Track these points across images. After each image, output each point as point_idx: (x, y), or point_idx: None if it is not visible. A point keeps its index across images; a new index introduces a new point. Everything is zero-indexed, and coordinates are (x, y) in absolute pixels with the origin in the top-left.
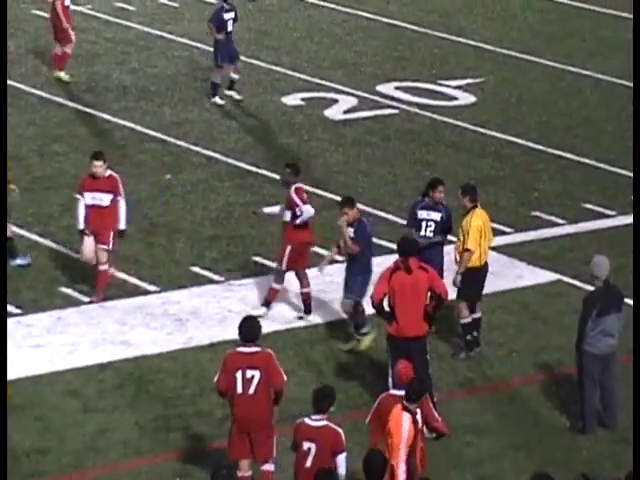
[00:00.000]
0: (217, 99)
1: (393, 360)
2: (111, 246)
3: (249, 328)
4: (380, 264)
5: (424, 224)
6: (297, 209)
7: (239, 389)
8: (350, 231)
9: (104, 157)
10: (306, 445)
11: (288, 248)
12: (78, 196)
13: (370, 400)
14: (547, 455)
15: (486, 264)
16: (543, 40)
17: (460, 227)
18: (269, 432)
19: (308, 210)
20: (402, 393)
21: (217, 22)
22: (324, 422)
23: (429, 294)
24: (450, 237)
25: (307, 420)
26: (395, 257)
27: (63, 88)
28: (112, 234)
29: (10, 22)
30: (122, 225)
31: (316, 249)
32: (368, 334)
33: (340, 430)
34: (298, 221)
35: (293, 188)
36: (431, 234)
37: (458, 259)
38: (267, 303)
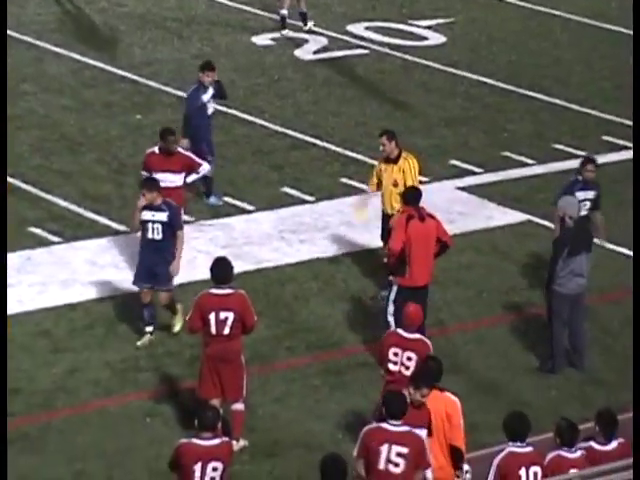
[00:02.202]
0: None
1: (400, 308)
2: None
3: (221, 270)
4: (350, 204)
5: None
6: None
7: (213, 330)
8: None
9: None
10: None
11: None
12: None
13: (339, 341)
14: (516, 395)
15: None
16: None
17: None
18: (240, 371)
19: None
20: (412, 335)
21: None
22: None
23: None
24: None
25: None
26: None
27: (32, 27)
28: None
29: None
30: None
31: (286, 189)
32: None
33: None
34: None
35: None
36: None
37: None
38: None
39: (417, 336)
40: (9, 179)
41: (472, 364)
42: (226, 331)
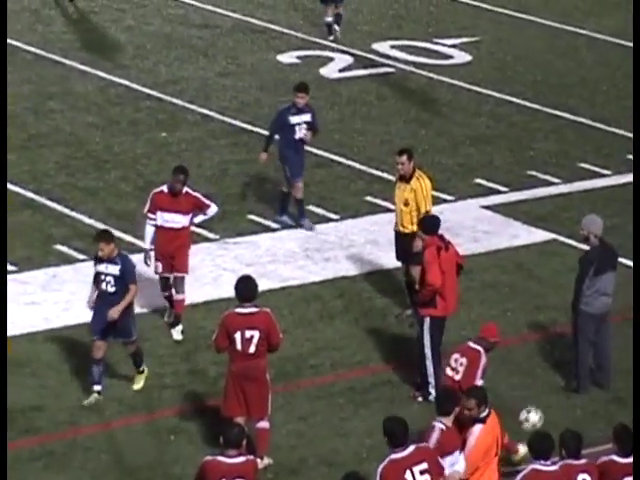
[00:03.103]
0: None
1: (436, 342)
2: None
3: (246, 288)
4: (376, 222)
5: None
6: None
7: (238, 348)
8: None
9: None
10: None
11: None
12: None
13: (364, 359)
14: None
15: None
16: None
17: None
18: (265, 389)
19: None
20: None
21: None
22: (438, 424)
23: None
24: None
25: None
26: (389, 216)
27: (59, 45)
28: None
29: None
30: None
31: (311, 207)
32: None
33: (434, 437)
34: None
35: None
36: None
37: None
38: None
39: (479, 347)
40: (34, 196)
41: (496, 383)
42: (252, 349)
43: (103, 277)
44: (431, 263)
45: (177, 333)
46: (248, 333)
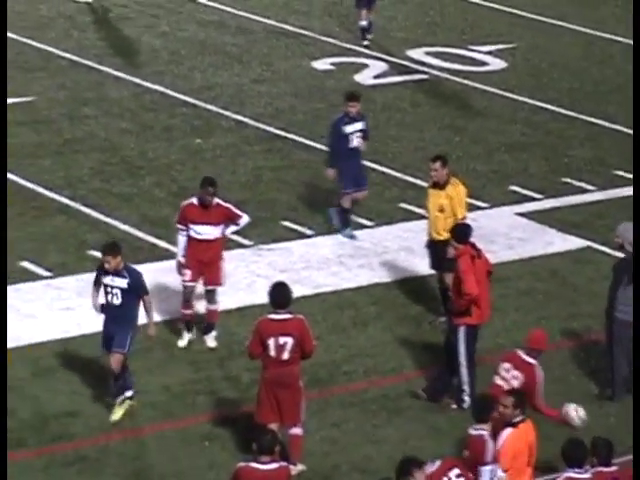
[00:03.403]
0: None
1: (471, 350)
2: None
3: (280, 294)
4: (410, 229)
5: None
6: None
7: (272, 355)
8: None
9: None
10: (465, 453)
11: None
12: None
13: (397, 366)
14: None
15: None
16: (575, 6)
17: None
18: (298, 396)
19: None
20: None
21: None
22: (480, 432)
23: None
24: None
25: (470, 429)
26: (423, 223)
27: (94, 52)
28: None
29: None
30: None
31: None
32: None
33: (489, 443)
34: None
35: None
36: None
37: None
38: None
39: (533, 361)
40: (69, 202)
41: None
42: (285, 356)
43: (109, 289)
44: (467, 272)
45: (211, 340)
46: (282, 339)
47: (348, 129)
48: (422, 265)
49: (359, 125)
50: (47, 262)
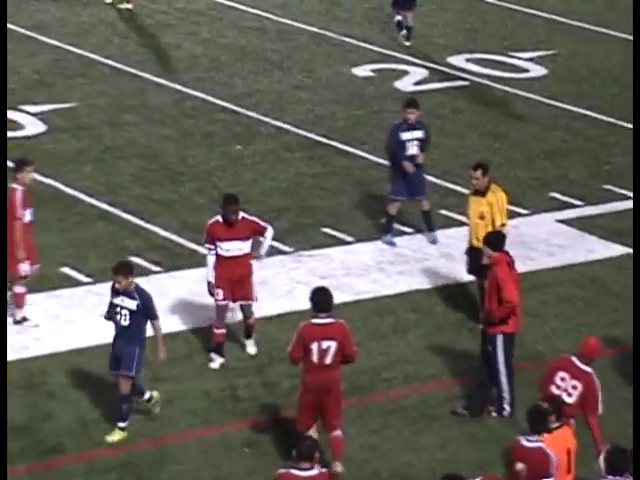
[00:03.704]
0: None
1: (509, 358)
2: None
3: (322, 298)
4: (450, 236)
5: None
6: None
7: (315, 359)
8: None
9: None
10: (519, 466)
11: None
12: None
13: (437, 373)
14: (617, 429)
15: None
16: (616, 12)
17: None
18: (340, 400)
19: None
20: (585, 367)
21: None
22: (537, 444)
23: None
24: None
25: (523, 440)
26: (464, 230)
27: (135, 58)
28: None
29: None
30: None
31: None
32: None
33: (551, 455)
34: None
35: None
36: None
37: None
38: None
39: (588, 369)
40: (109, 208)
41: None
42: (328, 360)
43: (118, 309)
44: (506, 280)
45: (251, 346)
46: (325, 344)
47: (405, 136)
48: (462, 272)
49: (418, 134)
50: (87, 268)
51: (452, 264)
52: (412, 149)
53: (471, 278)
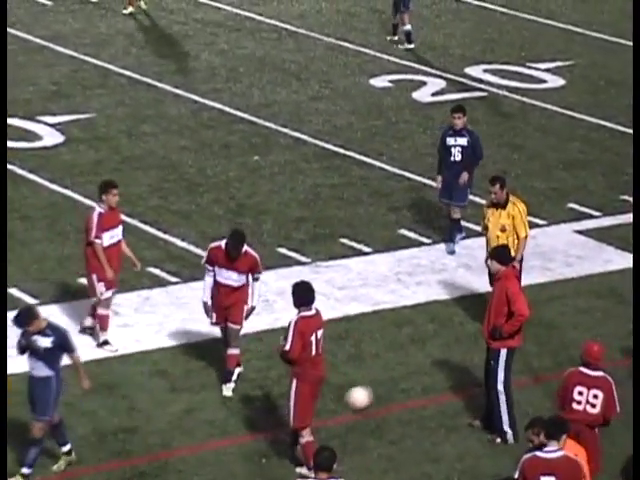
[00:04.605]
0: None
1: (509, 375)
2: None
3: (308, 291)
4: (468, 246)
5: None
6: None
7: (312, 350)
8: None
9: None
10: None
11: None
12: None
13: (455, 384)
14: (630, 440)
15: None
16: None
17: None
18: None
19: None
20: (595, 373)
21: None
22: (561, 452)
23: None
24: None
25: (540, 454)
26: (481, 241)
27: (153, 69)
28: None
29: (101, 2)
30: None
31: (403, 231)
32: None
33: (579, 460)
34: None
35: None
36: None
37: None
38: None
39: (601, 373)
40: (127, 219)
41: None
42: (320, 350)
43: (34, 346)
44: (518, 294)
45: (227, 390)
46: (319, 333)
47: (450, 141)
48: (480, 282)
49: (462, 140)
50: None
51: (470, 275)
52: (457, 155)
53: (488, 289)
